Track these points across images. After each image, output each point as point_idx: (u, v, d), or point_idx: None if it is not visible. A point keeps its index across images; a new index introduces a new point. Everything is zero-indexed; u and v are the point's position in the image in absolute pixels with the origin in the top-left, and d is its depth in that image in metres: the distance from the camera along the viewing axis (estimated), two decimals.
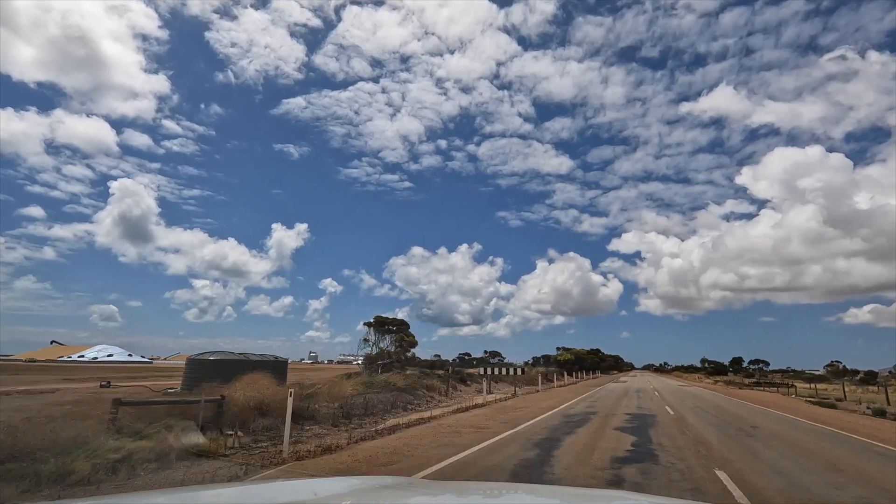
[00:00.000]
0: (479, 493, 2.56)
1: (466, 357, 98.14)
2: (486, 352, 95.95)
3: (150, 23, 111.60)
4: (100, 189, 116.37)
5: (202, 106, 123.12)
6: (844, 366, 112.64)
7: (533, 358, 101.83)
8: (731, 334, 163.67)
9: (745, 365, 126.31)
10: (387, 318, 43.89)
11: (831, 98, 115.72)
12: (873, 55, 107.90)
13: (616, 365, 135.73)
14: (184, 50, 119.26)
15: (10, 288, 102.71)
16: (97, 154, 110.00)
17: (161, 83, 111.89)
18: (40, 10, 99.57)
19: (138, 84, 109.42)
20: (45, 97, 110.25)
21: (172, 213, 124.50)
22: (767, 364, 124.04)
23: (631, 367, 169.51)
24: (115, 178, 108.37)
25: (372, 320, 41.25)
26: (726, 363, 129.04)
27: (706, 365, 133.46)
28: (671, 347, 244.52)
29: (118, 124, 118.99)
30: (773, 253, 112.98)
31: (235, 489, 2.48)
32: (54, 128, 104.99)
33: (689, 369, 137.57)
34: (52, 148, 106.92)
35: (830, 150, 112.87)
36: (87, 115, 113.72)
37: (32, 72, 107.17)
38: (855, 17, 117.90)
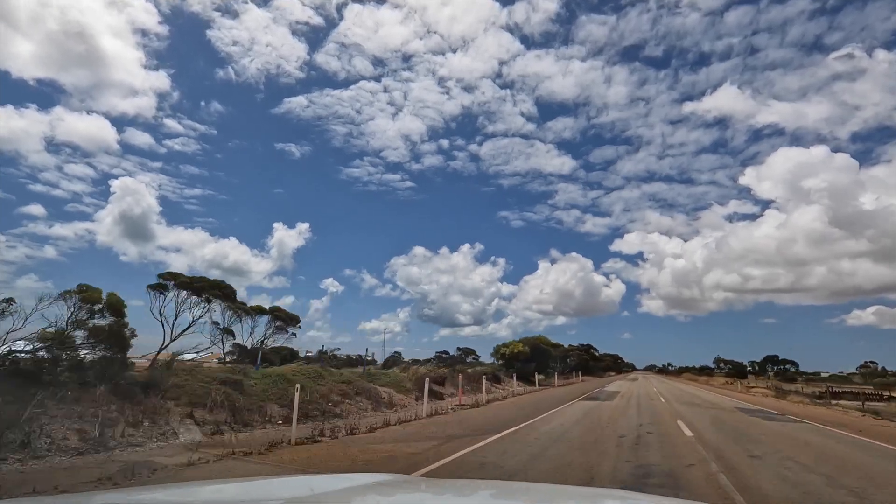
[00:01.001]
0: (480, 491, 2.50)
1: (444, 356, 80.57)
2: (458, 349, 77.63)
3: (150, 18, 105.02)
4: (101, 188, 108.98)
5: (203, 104, 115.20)
6: (884, 367, 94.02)
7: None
8: (733, 335, 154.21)
9: (773, 366, 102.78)
10: (189, 277, 18.07)
11: (837, 97, 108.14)
12: (881, 54, 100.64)
13: (614, 365, 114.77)
14: (185, 48, 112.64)
15: (12, 287, 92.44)
16: (98, 152, 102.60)
17: (162, 80, 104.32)
18: (39, 6, 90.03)
19: (138, 81, 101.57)
20: (44, 94, 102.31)
21: (174, 213, 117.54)
22: (796, 365, 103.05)
23: (632, 369, 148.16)
24: (116, 177, 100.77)
25: (167, 281, 15.67)
26: (744, 363, 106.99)
27: (721, 365, 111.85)
28: (673, 348, 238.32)
29: (119, 122, 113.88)
30: (777, 254, 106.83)
31: (234, 486, 2.44)
32: (54, 125, 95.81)
33: (703, 371, 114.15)
34: (53, 146, 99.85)
35: (836, 150, 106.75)
36: (88, 113, 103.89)
37: (32, 69, 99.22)
38: (861, 16, 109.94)
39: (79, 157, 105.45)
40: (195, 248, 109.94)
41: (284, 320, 28.70)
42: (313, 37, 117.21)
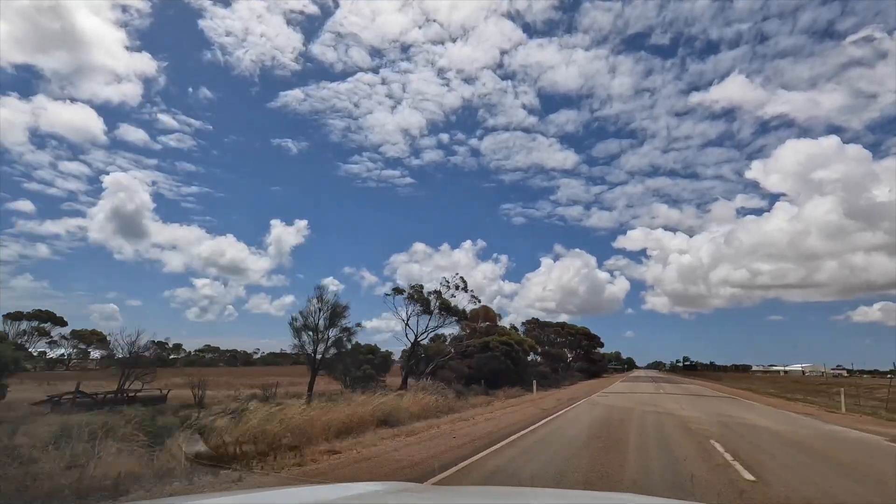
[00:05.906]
0: (490, 498, 2.47)
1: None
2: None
3: (141, 4, 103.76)
4: (95, 186, 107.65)
5: (198, 101, 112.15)
6: None
7: None
8: (738, 333, 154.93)
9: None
10: None
11: (852, 85, 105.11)
12: None
13: (598, 363, 69.74)
14: (175, 38, 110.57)
15: (9, 287, 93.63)
16: (87, 146, 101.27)
17: (147, 64, 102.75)
18: None
19: (122, 65, 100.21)
20: (23, 81, 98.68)
21: (169, 210, 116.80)
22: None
23: (631, 366, 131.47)
24: (107, 173, 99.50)
25: None
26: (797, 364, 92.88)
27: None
28: (676, 346, 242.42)
29: (104, 111, 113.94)
30: (787, 248, 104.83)
31: (238, 497, 2.55)
32: (37, 114, 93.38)
33: (735, 369, 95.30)
34: (37, 136, 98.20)
35: (849, 141, 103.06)
36: (71, 101, 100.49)
37: (7, 52, 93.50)
38: (875, 0, 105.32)
39: (65, 148, 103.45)
40: (191, 246, 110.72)
41: None
42: (308, 26, 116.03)
